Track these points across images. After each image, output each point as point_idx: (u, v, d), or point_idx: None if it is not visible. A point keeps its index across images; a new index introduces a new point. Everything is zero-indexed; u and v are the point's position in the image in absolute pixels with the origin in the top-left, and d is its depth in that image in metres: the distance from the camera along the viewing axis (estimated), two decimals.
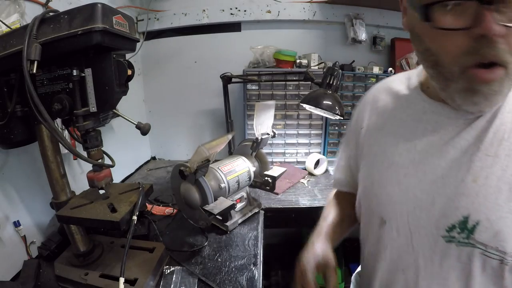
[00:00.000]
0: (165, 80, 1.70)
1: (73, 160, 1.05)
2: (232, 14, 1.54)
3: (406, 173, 0.54)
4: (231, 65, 1.49)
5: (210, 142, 0.82)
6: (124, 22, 0.60)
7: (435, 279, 0.51)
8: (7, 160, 0.80)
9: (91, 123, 0.63)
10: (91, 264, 0.76)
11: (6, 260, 0.78)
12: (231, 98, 1.46)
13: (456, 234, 0.47)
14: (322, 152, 1.58)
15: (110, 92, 0.61)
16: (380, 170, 0.59)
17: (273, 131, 1.13)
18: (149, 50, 1.62)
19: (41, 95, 0.62)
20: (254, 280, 0.76)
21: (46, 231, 0.91)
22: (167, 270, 0.80)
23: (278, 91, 1.49)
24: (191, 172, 0.84)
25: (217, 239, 0.95)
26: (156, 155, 1.84)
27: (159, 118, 1.74)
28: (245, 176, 1.02)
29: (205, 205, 0.87)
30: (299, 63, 1.49)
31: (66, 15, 0.56)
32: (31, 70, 0.54)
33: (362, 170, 0.65)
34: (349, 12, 1.54)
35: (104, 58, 0.59)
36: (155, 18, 1.57)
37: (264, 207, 1.14)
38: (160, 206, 1.15)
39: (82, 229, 0.76)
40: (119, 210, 0.65)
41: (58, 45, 0.56)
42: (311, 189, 1.33)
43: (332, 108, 0.92)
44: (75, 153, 0.61)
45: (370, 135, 0.64)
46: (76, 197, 0.73)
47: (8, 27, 0.74)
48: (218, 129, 1.74)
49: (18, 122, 0.69)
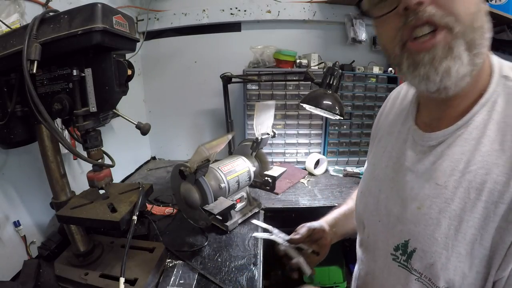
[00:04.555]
0: (165, 80, 1.70)
1: (73, 160, 1.05)
2: (232, 14, 1.54)
3: (380, 188, 0.56)
4: (231, 65, 1.49)
5: (210, 142, 0.82)
6: (124, 22, 0.60)
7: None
8: (7, 160, 0.80)
9: (91, 123, 0.63)
10: (91, 264, 0.76)
11: (6, 260, 0.78)
12: (231, 98, 1.46)
13: (399, 255, 0.49)
14: (322, 152, 1.58)
15: (110, 92, 0.61)
16: (367, 180, 0.63)
17: (273, 131, 1.13)
18: (149, 50, 1.62)
19: (41, 95, 0.62)
20: (254, 280, 0.76)
21: (46, 231, 0.91)
22: (169, 264, 0.82)
23: (278, 91, 1.49)
24: (191, 172, 0.84)
25: (217, 239, 0.95)
26: (156, 155, 1.83)
27: (159, 118, 1.74)
28: (245, 176, 1.02)
29: (205, 205, 0.87)
30: (299, 63, 1.49)
31: (66, 15, 0.56)
32: (31, 70, 0.54)
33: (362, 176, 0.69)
34: (349, 12, 1.54)
35: (104, 58, 0.59)
36: (155, 18, 1.57)
37: (264, 207, 1.14)
38: (160, 206, 1.15)
39: (82, 229, 0.76)
40: (119, 210, 0.65)
41: (58, 45, 0.56)
42: (311, 189, 1.33)
43: (332, 108, 0.92)
44: (75, 153, 0.61)
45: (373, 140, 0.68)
46: (76, 197, 0.73)
47: (8, 27, 0.74)
48: (218, 129, 1.74)
49: (18, 122, 0.69)
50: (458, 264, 0.41)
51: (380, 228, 0.55)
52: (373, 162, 0.63)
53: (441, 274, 0.42)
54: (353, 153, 1.58)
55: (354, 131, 1.55)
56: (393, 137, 0.58)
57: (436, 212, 0.43)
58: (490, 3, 1.36)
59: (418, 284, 0.46)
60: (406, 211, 0.48)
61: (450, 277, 0.41)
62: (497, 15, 1.30)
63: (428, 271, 0.44)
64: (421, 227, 0.45)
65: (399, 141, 0.55)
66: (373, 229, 0.58)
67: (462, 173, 0.41)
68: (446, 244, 0.42)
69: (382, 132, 0.63)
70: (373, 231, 0.58)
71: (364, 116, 1.54)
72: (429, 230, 0.44)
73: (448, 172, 0.43)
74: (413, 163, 0.49)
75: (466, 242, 0.40)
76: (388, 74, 1.50)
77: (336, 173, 1.50)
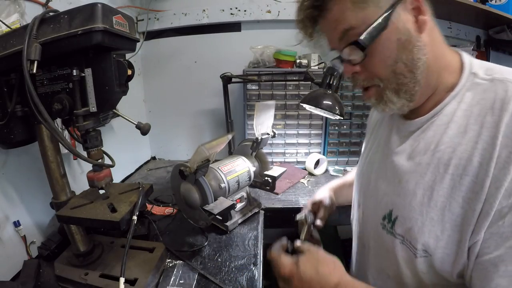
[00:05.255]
0: (165, 80, 1.70)
1: (73, 160, 1.05)
2: (232, 14, 1.54)
3: (372, 170, 0.66)
4: (231, 65, 1.49)
5: (210, 142, 0.82)
6: (124, 22, 0.60)
7: (378, 259, 0.62)
8: (7, 160, 0.80)
9: (91, 123, 0.63)
10: (91, 264, 0.76)
11: (6, 260, 0.78)
12: (231, 98, 1.46)
13: (386, 223, 0.57)
14: (322, 152, 1.58)
15: (110, 92, 0.61)
16: (361, 165, 0.74)
17: (273, 131, 1.13)
18: (149, 50, 1.62)
19: (41, 95, 0.62)
20: (254, 280, 0.76)
21: (46, 231, 0.91)
22: (169, 264, 0.82)
23: (278, 91, 1.49)
24: (191, 172, 0.84)
25: (217, 239, 0.95)
26: (156, 155, 1.83)
27: (159, 118, 1.74)
28: (245, 176, 1.02)
29: (205, 205, 0.87)
30: (299, 63, 1.48)
31: (66, 15, 0.56)
32: (31, 70, 0.54)
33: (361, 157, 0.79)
34: None
35: (104, 58, 0.59)
36: (155, 18, 1.57)
37: (264, 207, 1.14)
38: (160, 206, 1.15)
39: (82, 229, 0.76)
40: (119, 210, 0.65)
41: (58, 45, 0.56)
42: (311, 189, 1.33)
43: (332, 108, 0.91)
44: (75, 153, 0.61)
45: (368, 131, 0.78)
46: (76, 197, 0.73)
47: (8, 27, 0.74)
48: (218, 129, 1.74)
49: (18, 122, 0.69)
50: (432, 228, 0.48)
51: (372, 203, 0.64)
52: (367, 149, 0.73)
53: (418, 237, 0.50)
54: (353, 153, 1.58)
55: (354, 131, 1.55)
56: (382, 127, 0.68)
57: (412, 185, 0.52)
58: (490, 3, 1.36)
59: (403, 246, 0.53)
60: (389, 185, 0.58)
61: (426, 239, 0.49)
62: (497, 15, 1.31)
63: (408, 235, 0.52)
64: (401, 198, 0.54)
65: (386, 130, 0.65)
66: (367, 204, 0.67)
67: (433, 152, 0.50)
68: (421, 211, 0.50)
69: (374, 124, 0.74)
70: (367, 206, 0.67)
71: (364, 116, 1.53)
72: (407, 200, 0.52)
73: (423, 152, 0.52)
74: (396, 146, 0.58)
75: (437, 209, 0.48)
76: None
77: (336, 173, 1.50)
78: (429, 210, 0.48)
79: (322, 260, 0.56)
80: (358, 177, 0.74)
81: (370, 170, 0.67)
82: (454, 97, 0.50)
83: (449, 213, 0.46)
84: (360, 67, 0.51)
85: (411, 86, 0.50)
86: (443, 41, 0.52)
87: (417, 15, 0.47)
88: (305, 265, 0.55)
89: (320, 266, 0.55)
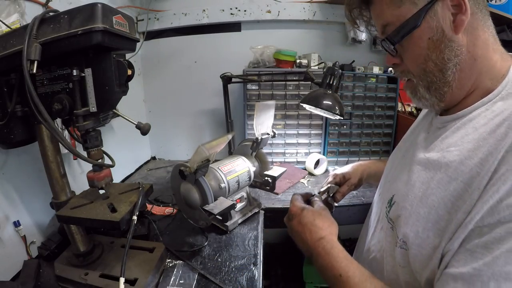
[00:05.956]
0: (165, 80, 1.70)
1: (73, 160, 1.05)
2: (232, 14, 1.54)
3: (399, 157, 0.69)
4: (231, 65, 1.49)
5: (210, 142, 0.82)
6: (124, 22, 0.60)
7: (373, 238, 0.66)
8: (7, 160, 0.80)
9: (91, 123, 0.63)
10: (91, 264, 0.76)
11: (6, 260, 0.78)
12: (231, 98, 1.46)
13: (387, 207, 0.60)
14: (322, 152, 1.58)
15: (110, 92, 0.61)
16: (396, 148, 0.76)
17: (273, 131, 1.13)
18: (149, 50, 1.62)
19: (41, 95, 0.62)
20: (254, 280, 0.76)
21: (46, 231, 0.91)
22: (169, 264, 0.82)
23: (278, 91, 1.49)
24: (191, 172, 0.84)
25: (217, 239, 0.95)
26: (156, 155, 1.83)
27: (159, 118, 1.74)
28: (245, 176, 1.02)
29: (205, 205, 0.86)
30: (299, 63, 1.48)
31: (66, 15, 0.56)
32: (31, 70, 0.54)
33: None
34: None
35: (104, 58, 0.59)
36: (155, 18, 1.57)
37: (264, 207, 1.14)
38: (160, 206, 1.15)
39: (82, 229, 0.76)
40: (119, 210, 0.65)
41: (58, 45, 0.56)
42: (311, 189, 1.33)
43: (332, 108, 0.92)
44: (75, 153, 0.61)
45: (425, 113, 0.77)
46: (76, 197, 0.73)
47: (8, 27, 0.74)
48: (218, 129, 1.74)
49: (18, 122, 0.69)
50: (416, 222, 0.49)
51: (387, 187, 0.68)
52: (405, 136, 0.75)
53: (402, 226, 0.52)
54: (353, 153, 1.58)
55: (354, 131, 1.55)
56: (425, 119, 0.68)
57: (415, 176, 0.54)
58: (490, 3, 1.35)
59: (392, 232, 0.56)
60: (402, 173, 0.60)
61: (407, 231, 0.50)
62: (497, 15, 1.30)
63: (397, 222, 0.55)
64: (403, 186, 0.57)
65: (419, 127, 0.67)
66: (384, 187, 0.71)
67: (444, 151, 0.50)
68: (412, 203, 0.51)
69: (417, 122, 0.75)
70: (383, 189, 0.71)
71: (364, 116, 1.54)
72: (406, 189, 0.55)
73: (436, 149, 0.53)
74: (421, 139, 0.60)
75: (426, 206, 0.48)
76: (388, 74, 1.50)
77: None
78: (419, 205, 0.50)
79: (322, 216, 0.66)
80: (388, 162, 0.78)
81: (396, 156, 0.72)
82: (484, 103, 0.48)
83: (435, 213, 0.46)
84: (398, 60, 0.54)
85: (441, 85, 0.51)
86: (493, 44, 0.50)
87: (457, 13, 0.46)
88: (307, 212, 0.67)
89: (318, 219, 0.65)
